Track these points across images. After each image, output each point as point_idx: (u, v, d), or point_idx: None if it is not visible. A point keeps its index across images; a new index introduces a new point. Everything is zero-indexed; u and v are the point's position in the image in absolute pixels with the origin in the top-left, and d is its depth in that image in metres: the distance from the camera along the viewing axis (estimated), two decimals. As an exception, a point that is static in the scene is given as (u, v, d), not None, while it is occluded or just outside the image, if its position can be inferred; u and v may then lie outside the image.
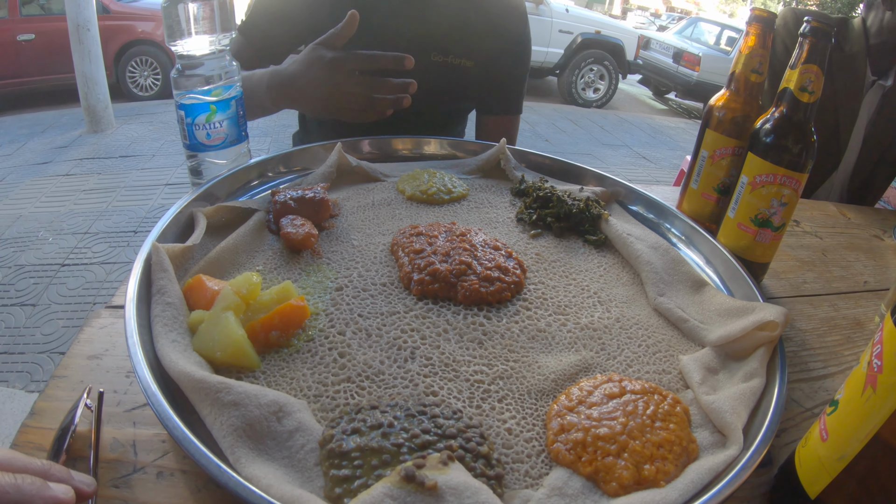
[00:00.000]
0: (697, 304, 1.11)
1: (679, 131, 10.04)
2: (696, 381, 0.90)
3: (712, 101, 1.34)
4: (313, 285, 1.02)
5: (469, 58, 1.84)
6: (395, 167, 1.48)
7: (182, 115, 1.25)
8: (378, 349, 0.89)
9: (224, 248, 1.04)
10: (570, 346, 0.96)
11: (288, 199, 1.16)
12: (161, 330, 0.82)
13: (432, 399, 0.81)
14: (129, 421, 0.79)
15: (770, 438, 0.78)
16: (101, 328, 0.95)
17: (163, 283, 0.89)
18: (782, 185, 1.16)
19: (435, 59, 1.81)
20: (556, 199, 1.33)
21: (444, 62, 1.82)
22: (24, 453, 0.63)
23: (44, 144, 6.43)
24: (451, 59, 1.82)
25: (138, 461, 0.73)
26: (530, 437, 0.79)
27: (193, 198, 1.14)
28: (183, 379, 0.73)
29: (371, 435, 0.72)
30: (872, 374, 0.64)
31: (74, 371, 0.86)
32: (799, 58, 1.13)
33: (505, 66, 1.93)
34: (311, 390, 0.81)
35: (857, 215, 1.91)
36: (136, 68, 8.69)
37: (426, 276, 1.02)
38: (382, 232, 1.21)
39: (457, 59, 1.82)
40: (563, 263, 1.19)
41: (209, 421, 0.70)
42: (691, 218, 1.36)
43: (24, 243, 4.38)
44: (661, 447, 0.76)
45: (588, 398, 0.83)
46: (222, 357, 0.81)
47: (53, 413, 0.78)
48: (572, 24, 10.57)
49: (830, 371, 1.10)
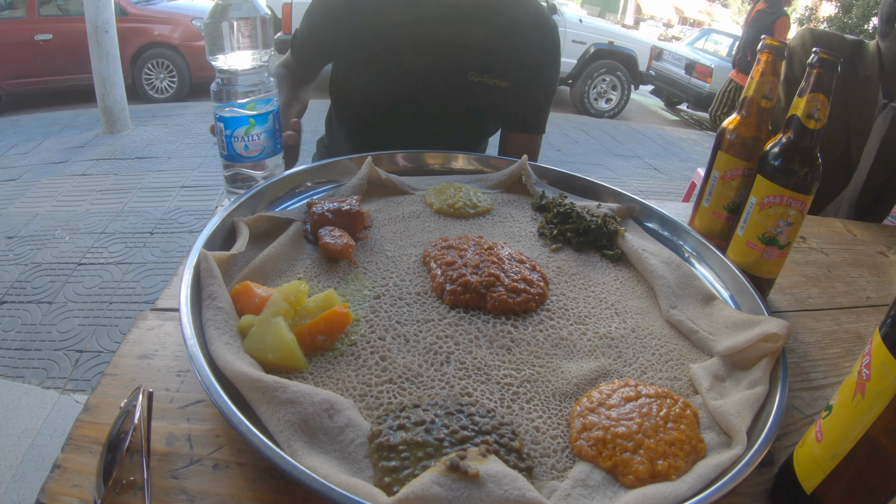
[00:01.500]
0: (707, 316, 1.16)
1: (690, 143, 10.00)
2: (705, 388, 0.95)
3: (725, 125, 1.38)
4: (352, 293, 1.08)
5: (504, 78, 1.87)
6: (422, 181, 1.53)
7: (221, 127, 1.30)
8: (416, 353, 0.96)
9: (266, 256, 1.10)
10: (590, 354, 1.03)
11: (325, 210, 1.22)
12: (214, 333, 0.88)
13: (468, 399, 0.88)
14: (184, 417, 0.84)
15: (771, 440, 0.84)
16: (150, 329, 1.01)
17: (213, 289, 0.95)
18: (788, 206, 1.21)
19: (472, 79, 1.84)
20: (576, 215, 1.38)
21: (481, 82, 1.85)
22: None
23: (60, 144, 6.49)
24: (486, 80, 1.85)
25: (194, 454, 0.79)
26: (556, 435, 0.86)
27: (234, 207, 1.20)
28: (240, 378, 0.79)
29: (415, 430, 0.78)
30: (862, 381, 0.72)
31: (125, 370, 0.92)
32: (807, 87, 1.17)
33: (535, 86, 1.96)
34: (356, 390, 0.87)
35: (863, 232, 1.93)
36: (153, 71, 8.74)
37: (458, 287, 1.08)
38: (414, 244, 1.26)
39: (492, 80, 1.86)
40: (582, 276, 1.25)
41: (266, 417, 0.76)
42: (702, 235, 1.41)
43: (41, 241, 4.42)
44: (672, 445, 0.83)
45: (607, 400, 0.89)
46: (273, 359, 0.87)
47: (106, 409, 0.83)
48: (585, 35, 10.52)
49: (830, 381, 1.15)
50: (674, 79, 12.08)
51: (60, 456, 0.77)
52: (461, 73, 1.83)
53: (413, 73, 1.82)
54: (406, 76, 1.83)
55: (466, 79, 1.84)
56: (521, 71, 1.89)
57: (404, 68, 1.82)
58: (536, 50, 1.90)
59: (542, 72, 1.96)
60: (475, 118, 1.96)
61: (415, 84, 1.84)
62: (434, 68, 1.79)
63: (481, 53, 1.83)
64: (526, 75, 1.91)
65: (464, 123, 1.93)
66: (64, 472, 0.75)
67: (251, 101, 1.30)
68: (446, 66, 1.78)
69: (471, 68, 1.84)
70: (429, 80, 1.83)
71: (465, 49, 1.81)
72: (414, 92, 1.84)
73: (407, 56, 1.79)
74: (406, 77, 1.83)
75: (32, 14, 7.84)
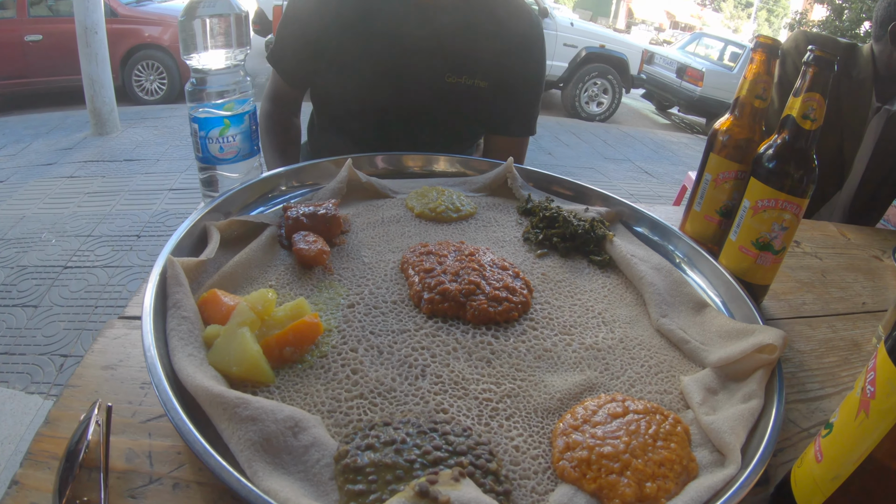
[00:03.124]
0: (699, 325, 1.12)
1: (682, 146, 10.04)
2: (697, 402, 0.91)
3: (717, 126, 1.35)
4: (325, 301, 1.03)
5: (483, 78, 1.83)
6: (404, 184, 1.49)
7: (196, 128, 1.26)
8: (390, 366, 0.91)
9: (237, 262, 1.06)
10: (576, 366, 0.98)
11: (300, 215, 1.18)
12: (177, 344, 0.83)
13: (443, 416, 0.83)
14: (145, 432, 0.80)
15: (767, 459, 0.80)
16: (115, 339, 0.97)
17: (178, 297, 0.90)
18: (783, 209, 1.18)
19: (449, 81, 1.81)
20: (563, 219, 1.34)
21: (458, 83, 1.82)
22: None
23: (48, 146, 6.44)
24: (464, 80, 1.82)
25: (154, 472, 0.75)
26: (537, 455, 0.81)
27: (206, 211, 1.16)
28: (200, 393, 0.75)
29: (384, 451, 0.74)
30: (865, 399, 0.67)
31: (89, 381, 0.88)
32: (802, 86, 1.15)
33: (518, 88, 1.92)
34: (324, 406, 0.83)
35: (856, 236, 1.92)
36: (143, 72, 8.70)
37: (436, 295, 1.04)
38: (392, 249, 1.22)
39: (470, 80, 1.82)
40: (568, 284, 1.21)
41: (226, 435, 0.72)
42: (693, 240, 1.37)
43: (27, 244, 4.38)
44: (662, 466, 0.78)
45: (592, 417, 0.85)
46: (238, 372, 0.82)
47: (68, 422, 0.79)
48: (577, 38, 10.57)
49: (827, 392, 1.12)
50: (665, 82, 12.10)
51: (18, 471, 0.73)
52: (438, 75, 1.80)
53: (391, 75, 1.79)
54: (384, 79, 1.80)
55: (444, 80, 1.81)
56: (503, 72, 1.86)
57: (383, 71, 1.79)
58: (520, 51, 1.87)
59: (526, 74, 1.93)
60: (458, 121, 1.93)
61: (394, 87, 1.81)
62: (412, 71, 1.76)
63: (458, 55, 1.79)
64: (509, 77, 1.88)
65: (447, 127, 1.90)
66: (21, 489, 0.71)
67: (227, 101, 1.27)
68: (424, 69, 1.75)
69: (446, 70, 1.80)
70: (408, 83, 1.80)
71: (443, 51, 1.78)
72: (394, 95, 1.81)
73: (379, 61, 1.75)
74: (385, 80, 1.80)
75: (22, 14, 7.79)
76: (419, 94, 1.81)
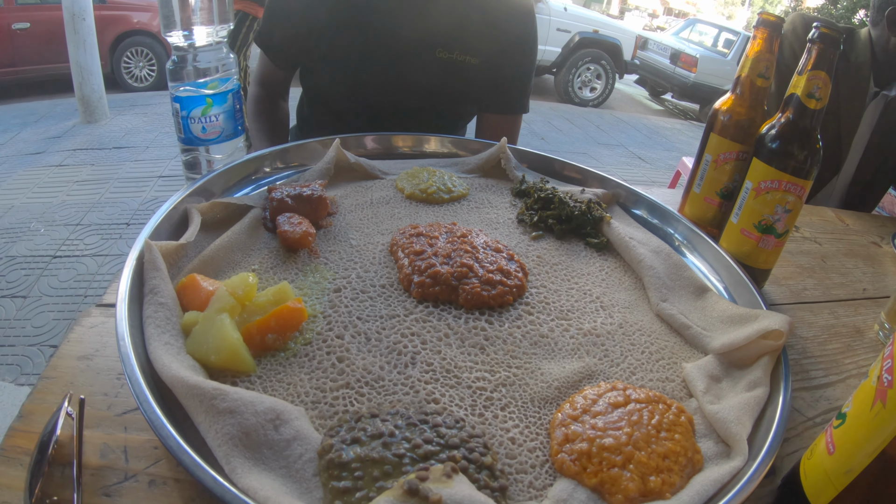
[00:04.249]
0: (700, 310, 1.09)
1: (675, 132, 10.05)
2: (700, 391, 0.88)
3: (717, 105, 1.32)
4: (311, 286, 0.99)
5: (473, 54, 1.80)
6: (394, 165, 1.45)
7: (177, 107, 1.22)
8: (378, 354, 0.87)
9: (219, 245, 1.01)
10: (574, 353, 0.94)
11: (285, 196, 1.13)
12: (154, 332, 0.79)
13: (434, 407, 0.79)
14: (121, 426, 0.76)
15: (775, 450, 0.77)
16: (92, 327, 0.92)
17: (155, 283, 0.86)
18: (787, 191, 1.15)
19: (440, 56, 1.78)
20: (558, 200, 1.31)
21: (449, 59, 1.79)
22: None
23: (37, 134, 6.37)
24: (455, 56, 1.79)
25: (129, 468, 0.71)
26: (534, 447, 0.77)
27: (188, 193, 1.11)
28: (176, 384, 0.70)
29: (372, 445, 0.69)
30: (882, 388, 0.63)
31: (64, 372, 0.84)
32: (807, 64, 1.11)
33: (509, 64, 1.89)
34: (308, 396, 0.78)
35: (855, 221, 1.90)
36: (132, 59, 8.61)
37: (427, 279, 0.99)
38: (381, 231, 1.18)
39: (461, 56, 1.79)
40: (564, 267, 1.17)
41: (203, 428, 0.68)
42: (693, 222, 1.34)
43: (16, 234, 4.34)
44: (666, 458, 0.75)
45: (592, 407, 0.81)
46: (217, 361, 0.78)
47: (42, 415, 0.75)
48: (570, 23, 10.56)
49: (831, 380, 1.09)
50: (659, 68, 12.11)
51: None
52: (428, 51, 1.77)
53: (381, 51, 1.76)
54: (374, 56, 1.76)
55: (434, 55, 1.77)
56: (494, 49, 1.82)
57: (373, 48, 1.75)
58: (507, 24, 1.84)
59: (516, 47, 1.89)
60: (447, 98, 1.89)
61: (385, 64, 1.77)
62: (402, 47, 1.72)
63: (446, 29, 1.76)
64: (500, 53, 1.84)
65: (436, 104, 1.85)
66: (-8, 487, 0.67)
67: (210, 80, 1.22)
68: (415, 45, 1.71)
69: (437, 45, 1.77)
70: (399, 60, 1.77)
71: (429, 27, 1.74)
72: (385, 73, 1.77)
73: (367, 39, 1.71)
74: (375, 57, 1.76)
75: (10, 2, 7.67)
76: (410, 71, 1.77)
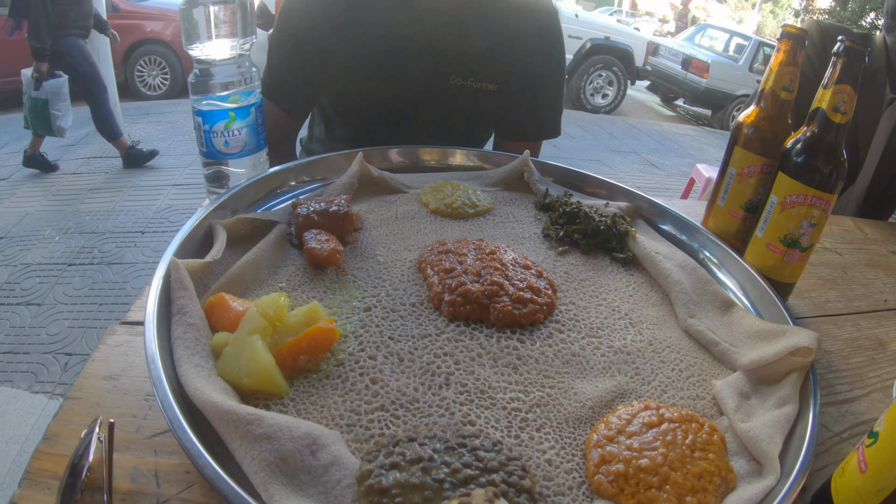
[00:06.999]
0: (727, 325, 1.07)
1: (687, 138, 10.03)
2: (732, 409, 0.87)
3: (741, 118, 1.31)
4: (340, 305, 0.98)
5: (492, 81, 1.73)
6: (417, 178, 1.44)
7: (199, 121, 1.21)
8: (411, 375, 0.85)
9: (245, 263, 1.00)
10: (605, 371, 0.93)
11: (311, 212, 1.12)
12: (183, 354, 0.78)
13: (471, 429, 0.77)
14: (151, 449, 0.75)
15: (807, 468, 0.76)
16: (117, 346, 0.91)
17: (183, 303, 0.85)
18: (812, 205, 1.14)
19: (454, 83, 1.71)
20: (584, 214, 1.29)
21: (463, 86, 1.72)
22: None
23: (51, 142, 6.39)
24: (470, 84, 1.72)
25: (161, 493, 0.69)
26: (570, 469, 0.76)
27: (212, 208, 1.10)
28: (210, 409, 0.69)
29: (411, 470, 0.68)
30: None
31: (90, 392, 0.82)
32: (831, 77, 1.10)
33: (537, 95, 1.82)
34: (343, 419, 0.77)
35: (873, 230, 1.88)
36: (145, 68, 8.68)
37: (458, 297, 0.98)
38: (408, 247, 1.17)
39: (477, 83, 1.72)
40: (592, 282, 1.15)
41: (239, 454, 0.67)
42: (717, 236, 1.32)
43: (31, 242, 4.37)
44: (701, 478, 0.74)
45: (627, 427, 0.80)
46: (249, 384, 0.77)
47: (68, 438, 0.74)
48: (581, 30, 10.56)
49: (857, 394, 1.07)
50: (670, 74, 12.10)
51: (17, 492, 0.68)
52: (442, 79, 1.70)
53: (392, 81, 1.70)
54: (384, 85, 1.71)
55: (448, 83, 1.71)
56: (514, 72, 1.75)
57: (383, 77, 1.69)
58: (537, 58, 1.78)
59: (542, 72, 1.81)
60: (461, 127, 1.84)
61: (396, 94, 1.72)
62: (411, 78, 1.68)
63: (461, 56, 1.69)
64: (525, 83, 1.78)
65: (450, 133, 1.80)
66: (21, 512, 0.66)
67: (232, 93, 1.21)
68: (425, 75, 1.67)
69: (451, 73, 1.70)
70: (409, 87, 1.71)
71: (443, 54, 1.68)
72: (396, 101, 1.73)
73: (380, 68, 1.68)
74: (386, 86, 1.71)
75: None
76: (422, 99, 1.73)
